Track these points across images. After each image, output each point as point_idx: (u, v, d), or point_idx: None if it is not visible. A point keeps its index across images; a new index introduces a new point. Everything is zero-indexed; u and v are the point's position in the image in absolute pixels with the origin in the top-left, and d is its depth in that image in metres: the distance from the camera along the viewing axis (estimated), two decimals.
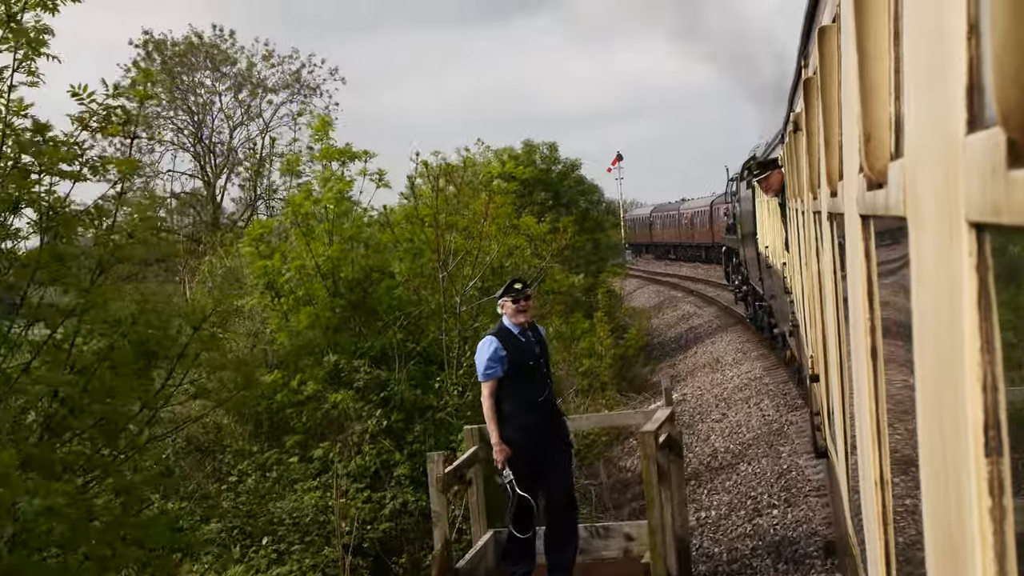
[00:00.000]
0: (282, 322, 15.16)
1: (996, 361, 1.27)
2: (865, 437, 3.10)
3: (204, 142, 44.32)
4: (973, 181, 1.25)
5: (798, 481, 13.21)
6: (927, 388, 1.74)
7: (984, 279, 1.28)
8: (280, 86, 44.74)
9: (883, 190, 2.29)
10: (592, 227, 33.60)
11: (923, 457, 1.82)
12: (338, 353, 14.43)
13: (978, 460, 1.29)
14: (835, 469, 6.42)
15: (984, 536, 1.28)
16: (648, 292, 48.66)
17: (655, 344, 32.13)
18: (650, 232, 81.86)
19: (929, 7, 1.56)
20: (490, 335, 8.47)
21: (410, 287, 15.80)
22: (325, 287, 15.10)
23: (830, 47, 3.96)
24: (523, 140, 32.61)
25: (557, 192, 31.93)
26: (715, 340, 28.61)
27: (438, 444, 13.05)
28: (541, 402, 8.34)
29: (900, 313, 2.25)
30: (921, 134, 1.69)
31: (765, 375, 21.01)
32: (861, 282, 2.92)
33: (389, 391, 14.03)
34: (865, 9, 2.59)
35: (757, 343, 25.54)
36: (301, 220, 15.85)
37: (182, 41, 42.78)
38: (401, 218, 17.01)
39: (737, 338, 27.70)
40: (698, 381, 23.17)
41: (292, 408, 14.17)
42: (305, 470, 13.34)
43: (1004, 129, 1.11)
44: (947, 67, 1.39)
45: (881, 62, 2.47)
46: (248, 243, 16.27)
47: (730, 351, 25.84)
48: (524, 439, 8.23)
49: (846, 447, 4.68)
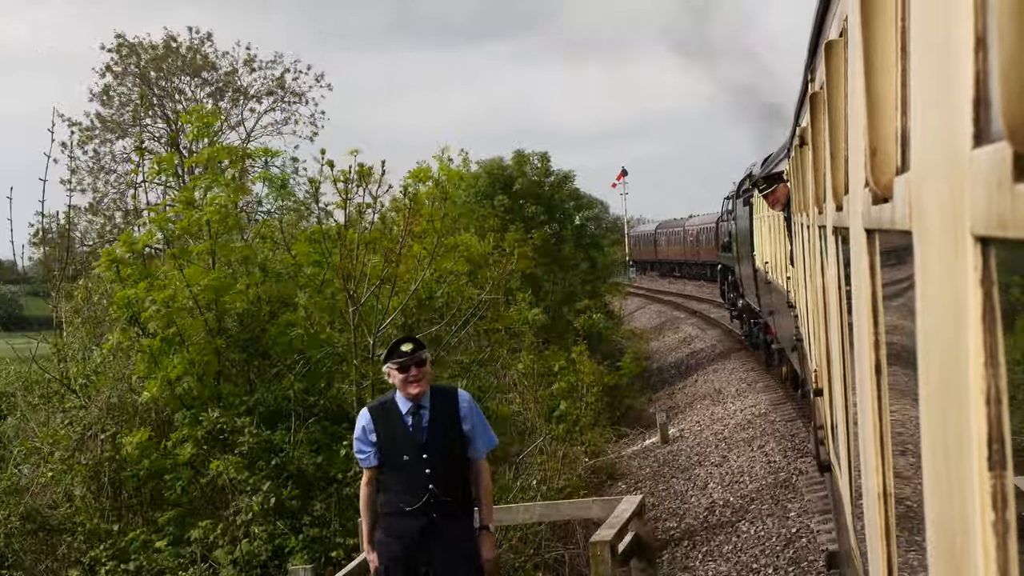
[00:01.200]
0: (151, 367, 12.17)
1: (1000, 375, 1.27)
2: (868, 450, 3.10)
3: (182, 152, 40.78)
4: (979, 195, 1.25)
5: (809, 551, 11.34)
6: (931, 401, 1.74)
7: (989, 293, 1.28)
8: (263, 93, 42.45)
9: (888, 204, 2.29)
10: (589, 244, 31.43)
11: (926, 470, 1.82)
12: (223, 407, 11.74)
13: (982, 474, 1.29)
14: (838, 483, 6.41)
15: (987, 550, 1.28)
16: (649, 312, 46.78)
17: (653, 370, 30.36)
18: (655, 249, 79.86)
19: (936, 21, 1.57)
20: (367, 407, 6.83)
21: (314, 324, 12.91)
22: (205, 323, 12.20)
23: (837, 61, 3.97)
24: (515, 150, 30.41)
25: (549, 206, 29.91)
26: (717, 367, 27.04)
27: (345, 528, 10.72)
28: (423, 505, 6.45)
29: (904, 327, 2.25)
30: (927, 148, 1.70)
31: (771, 411, 19.08)
32: (866, 296, 2.92)
33: (282, 457, 11.39)
34: (872, 23, 2.60)
35: (762, 372, 23.82)
36: (174, 238, 13.24)
37: (158, 45, 40.40)
38: (304, 236, 14.15)
39: (741, 366, 26.07)
40: (697, 415, 21.51)
41: (168, 475, 11.55)
42: (176, 558, 10.70)
43: (1011, 143, 1.11)
44: (954, 81, 1.39)
45: (888, 76, 2.48)
46: (106, 265, 12.87)
47: (733, 380, 24.19)
48: (399, 549, 6.54)
49: (849, 461, 4.67)
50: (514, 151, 30.57)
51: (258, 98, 42.26)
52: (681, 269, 71.56)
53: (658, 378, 29.18)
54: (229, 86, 41.76)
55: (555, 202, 30.19)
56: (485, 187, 28.65)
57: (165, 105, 41.11)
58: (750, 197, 23.53)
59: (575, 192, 31.38)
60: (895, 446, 2.70)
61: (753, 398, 20.98)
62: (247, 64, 41.60)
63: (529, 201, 28.92)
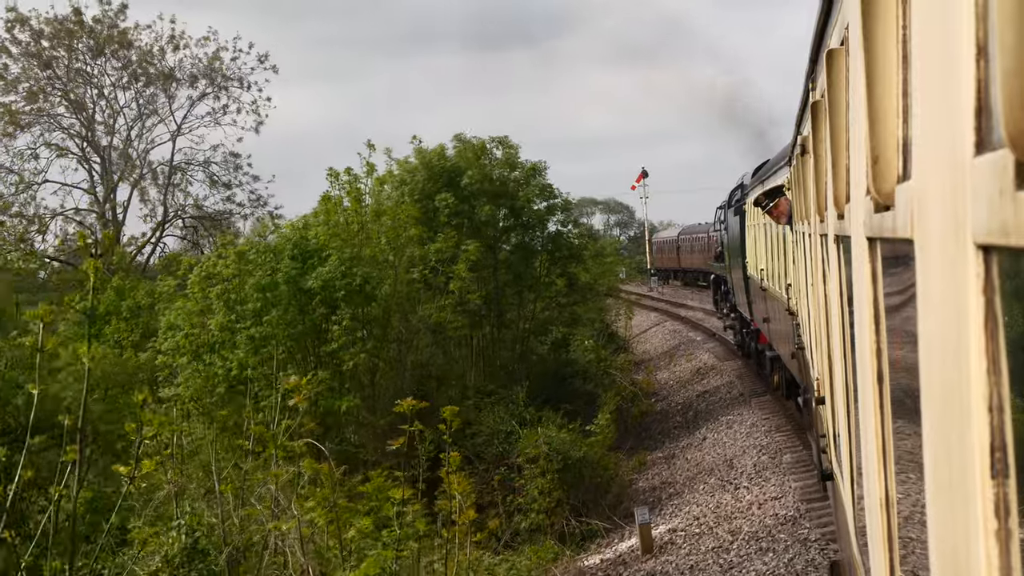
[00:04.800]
0: None
1: (1003, 383, 1.27)
2: (871, 458, 3.10)
3: (95, 146, 34.96)
4: (980, 203, 1.25)
5: None
6: (933, 409, 1.73)
7: (991, 301, 1.28)
8: (193, 76, 35.78)
9: (890, 212, 2.29)
10: (567, 257, 24.11)
11: (929, 478, 1.82)
12: None
13: (984, 482, 1.29)
14: (840, 491, 6.40)
15: (990, 558, 1.28)
16: (664, 333, 40.38)
17: (656, 412, 24.37)
18: (677, 256, 71.98)
19: (937, 29, 1.57)
20: None
21: None
22: None
23: (838, 70, 3.97)
24: (455, 134, 23.49)
25: (513, 207, 23.15)
26: (732, 419, 20.65)
27: None
28: None
29: (906, 335, 2.25)
30: (929, 156, 1.70)
31: (803, 515, 13.11)
32: (867, 304, 2.92)
33: None
34: (873, 32, 2.60)
35: (791, 433, 17.65)
36: None
37: (57, 20, 33.70)
38: None
39: (762, 419, 19.52)
40: (699, 503, 15.77)
41: None
42: None
43: (1012, 151, 1.12)
44: (955, 89, 1.39)
45: (889, 84, 2.48)
46: None
47: (751, 447, 17.88)
48: None
49: (852, 468, 4.66)
50: (454, 135, 23.62)
51: (186, 82, 35.96)
52: (706, 278, 63.17)
53: (660, 426, 23.13)
54: (147, 68, 35.13)
55: (521, 202, 23.29)
56: (423, 184, 22.23)
57: (69, 91, 34.48)
58: (741, 206, 23.69)
59: (547, 189, 23.83)
60: (897, 454, 2.70)
61: (777, 483, 15.14)
62: (171, 42, 35.28)
63: (484, 200, 22.31)
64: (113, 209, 35.10)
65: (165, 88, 35.68)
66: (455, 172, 22.42)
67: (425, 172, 22.36)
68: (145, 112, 35.43)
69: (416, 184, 22.08)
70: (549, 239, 23.83)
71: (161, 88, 35.59)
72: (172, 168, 36.07)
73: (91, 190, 34.97)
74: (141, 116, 35.63)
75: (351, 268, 16.97)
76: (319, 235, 17.95)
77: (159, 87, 35.59)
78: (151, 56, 35.32)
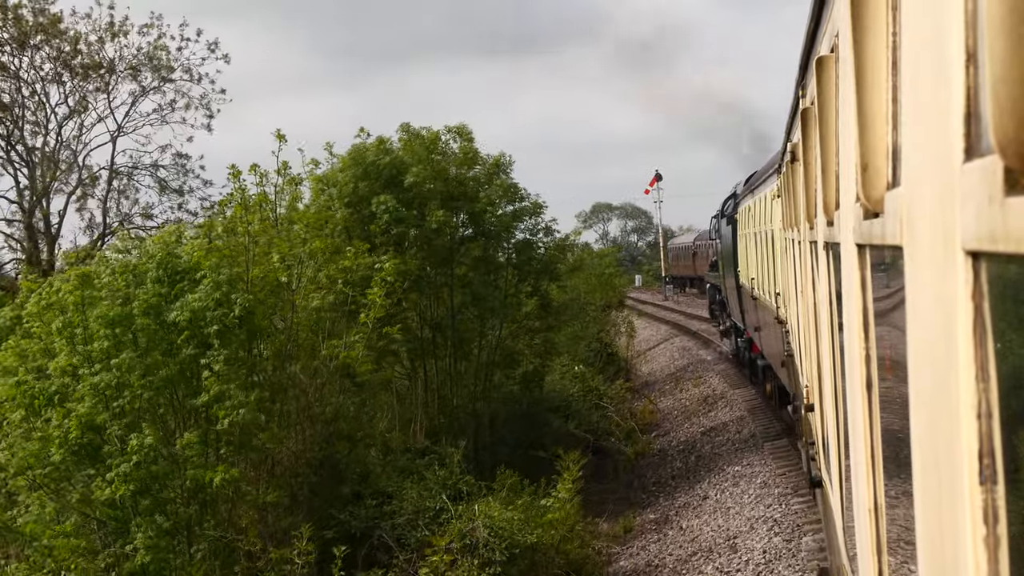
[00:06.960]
0: None
1: (991, 389, 1.27)
2: (859, 465, 3.10)
3: (18, 148, 30.42)
4: (969, 209, 1.26)
5: None
6: (922, 416, 1.74)
7: (979, 307, 1.29)
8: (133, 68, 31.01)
9: (879, 219, 2.30)
10: (538, 271, 19.91)
11: (917, 485, 1.82)
12: None
13: (973, 488, 1.29)
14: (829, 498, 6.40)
15: (978, 564, 1.28)
16: (672, 350, 35.97)
17: (653, 453, 21.04)
18: (694, 263, 67.37)
19: (927, 36, 1.57)
20: None
21: None
22: None
23: (828, 77, 3.98)
24: (401, 123, 19.25)
25: (472, 212, 19.02)
26: (740, 471, 17.32)
27: None
28: None
29: (895, 342, 2.26)
30: (918, 163, 1.70)
31: None
32: (856, 311, 2.93)
33: None
34: (863, 39, 2.61)
35: (812, 499, 13.57)
36: None
37: None
38: None
39: (774, 476, 16.06)
40: None
41: None
42: None
43: (1002, 157, 1.12)
44: (945, 96, 1.39)
45: (879, 91, 2.48)
46: None
47: (760, 521, 14.24)
48: None
49: (840, 475, 4.67)
50: (400, 124, 19.32)
51: (124, 74, 31.28)
52: None
53: (656, 472, 19.70)
54: (76, 58, 30.62)
55: (481, 205, 19.03)
56: (354, 185, 18.09)
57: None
58: (734, 215, 23.87)
59: (512, 189, 19.65)
60: (886, 460, 2.70)
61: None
62: (109, 30, 30.65)
63: (436, 204, 18.14)
64: (46, 219, 30.67)
65: (103, 81, 31.04)
66: (400, 169, 18.25)
67: (357, 169, 18.10)
68: (78, 109, 30.89)
69: (345, 185, 18.00)
70: (516, 250, 19.75)
71: (99, 81, 31.06)
72: (113, 172, 31.63)
73: (17, 199, 30.62)
74: (75, 114, 30.99)
75: (228, 294, 13.41)
76: (194, 250, 14.26)
77: (96, 80, 31.03)
78: (87, 44, 30.74)
